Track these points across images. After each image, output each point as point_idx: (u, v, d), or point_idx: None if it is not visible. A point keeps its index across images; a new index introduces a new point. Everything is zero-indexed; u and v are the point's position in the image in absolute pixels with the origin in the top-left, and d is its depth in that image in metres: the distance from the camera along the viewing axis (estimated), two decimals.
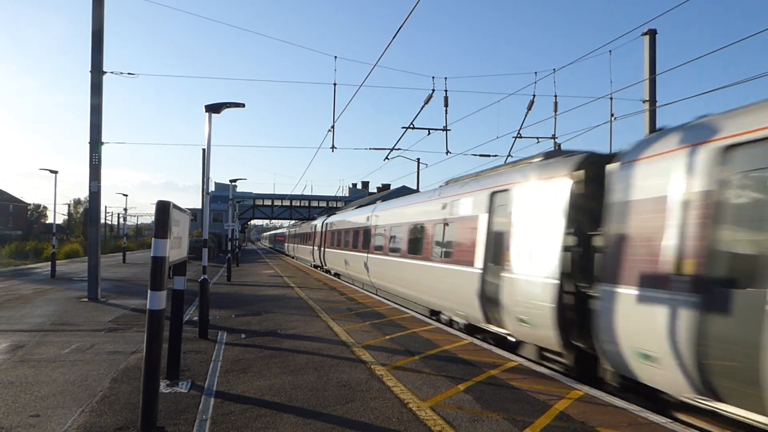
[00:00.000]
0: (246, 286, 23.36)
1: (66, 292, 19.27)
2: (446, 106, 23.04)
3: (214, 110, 11.58)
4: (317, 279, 27.30)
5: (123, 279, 25.30)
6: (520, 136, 24.13)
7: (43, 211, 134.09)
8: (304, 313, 14.91)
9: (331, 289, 21.79)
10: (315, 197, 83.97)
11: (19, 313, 14.18)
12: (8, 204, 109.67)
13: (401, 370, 8.52)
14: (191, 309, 15.23)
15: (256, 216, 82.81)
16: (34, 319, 13.23)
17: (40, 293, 18.95)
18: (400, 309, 16.15)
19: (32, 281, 23.63)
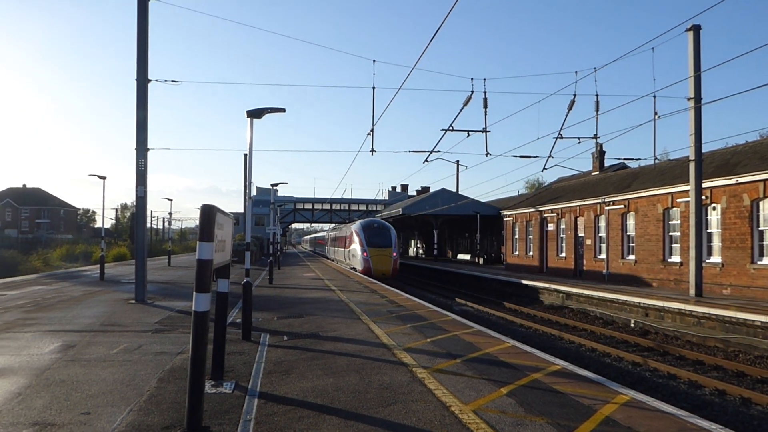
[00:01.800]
0: (287, 288, 23.57)
1: (114, 294, 19.75)
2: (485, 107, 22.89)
3: (256, 115, 11.71)
4: (358, 282, 27.38)
5: (168, 282, 25.82)
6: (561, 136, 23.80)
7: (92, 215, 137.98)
8: (345, 315, 14.95)
9: (371, 292, 21.82)
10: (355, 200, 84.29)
11: (70, 314, 14.59)
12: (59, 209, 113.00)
13: (443, 373, 8.46)
14: (234, 311, 15.43)
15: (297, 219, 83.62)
16: (84, 320, 13.59)
17: (89, 295, 19.47)
18: (440, 312, 16.07)
19: (82, 283, 24.30)
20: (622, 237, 29.12)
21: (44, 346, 10.34)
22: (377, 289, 23.37)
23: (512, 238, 42.48)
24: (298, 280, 28.10)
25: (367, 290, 22.67)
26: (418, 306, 17.30)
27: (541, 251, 37.75)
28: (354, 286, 24.51)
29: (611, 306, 22.09)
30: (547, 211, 37.01)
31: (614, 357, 14.91)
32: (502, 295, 30.72)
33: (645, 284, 26.84)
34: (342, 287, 23.84)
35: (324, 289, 22.92)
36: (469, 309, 25.03)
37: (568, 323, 20.64)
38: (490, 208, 52.43)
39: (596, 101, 22.53)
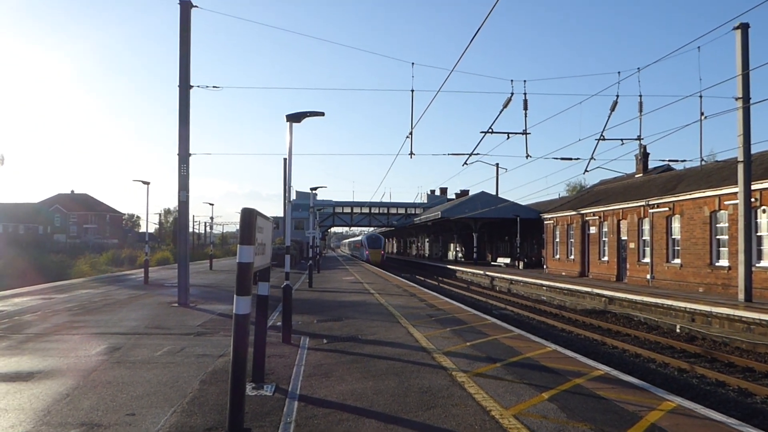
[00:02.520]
0: (327, 292, 23.71)
1: (158, 298, 20.16)
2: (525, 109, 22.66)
3: (295, 119, 11.82)
4: (397, 285, 27.39)
5: (210, 285, 26.24)
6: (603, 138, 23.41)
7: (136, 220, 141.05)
8: (385, 319, 14.96)
9: (410, 296, 21.79)
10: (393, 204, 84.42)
11: (116, 317, 14.94)
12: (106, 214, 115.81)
13: (483, 377, 8.38)
14: (275, 314, 15.59)
15: (336, 223, 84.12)
16: (129, 323, 13.90)
17: (134, 298, 19.92)
18: (480, 315, 15.95)
19: (127, 287, 24.87)
20: (667, 240, 28.46)
21: (91, 348, 10.60)
22: (416, 292, 23.33)
23: (553, 242, 41.96)
24: (337, 284, 28.25)
25: (406, 294, 22.66)
26: (457, 309, 17.20)
27: (582, 255, 37.18)
28: (393, 290, 24.51)
29: (656, 311, 21.61)
30: (589, 214, 36.43)
31: (659, 363, 14.56)
32: (538, 298, 30.37)
33: (691, 289, 26.18)
34: (381, 290, 23.87)
35: (363, 293, 22.98)
36: (508, 313, 24.79)
37: (611, 328, 20.26)
38: (530, 211, 51.87)
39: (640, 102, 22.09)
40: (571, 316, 23.47)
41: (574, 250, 38.34)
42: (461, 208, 54.07)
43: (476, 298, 31.94)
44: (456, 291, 36.31)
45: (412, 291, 24.07)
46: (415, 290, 24.59)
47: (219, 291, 23.36)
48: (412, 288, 25.97)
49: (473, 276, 45.20)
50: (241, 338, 5.55)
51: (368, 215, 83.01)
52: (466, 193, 72.12)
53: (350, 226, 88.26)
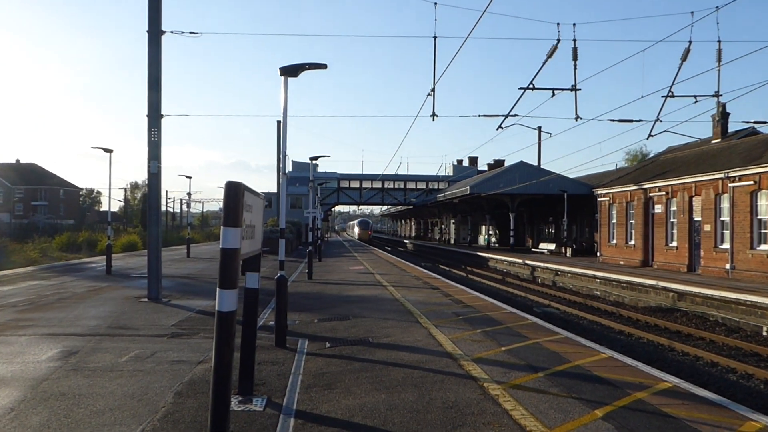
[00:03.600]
0: (330, 284, 23.79)
1: (123, 291, 20.32)
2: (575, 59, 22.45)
3: (291, 73, 11.75)
4: (415, 276, 27.44)
5: (187, 276, 26.41)
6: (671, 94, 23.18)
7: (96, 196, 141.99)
8: (401, 317, 14.99)
9: (432, 289, 21.82)
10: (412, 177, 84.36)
11: (72, 314, 15.08)
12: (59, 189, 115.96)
13: (521, 389, 8.38)
14: (266, 312, 15.64)
15: (342, 201, 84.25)
16: (88, 322, 14.03)
17: (94, 291, 20.09)
18: (518, 314, 15.95)
19: (86, 277, 25.09)
20: (752, 222, 28.22)
21: (41, 352, 10.71)
22: (440, 285, 23.36)
23: (609, 224, 41.78)
24: (342, 275, 28.33)
25: (427, 287, 22.69)
26: (490, 307, 17.20)
27: (645, 240, 37.00)
28: (411, 282, 24.56)
29: (737, 309, 21.49)
30: (654, 190, 36.19)
31: (741, 373, 14.50)
32: (590, 293, 30.30)
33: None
34: (397, 283, 23.92)
35: (374, 285, 23.04)
36: (553, 311, 24.78)
37: (680, 330, 20.19)
38: (580, 185, 51.60)
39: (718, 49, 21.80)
40: (631, 316, 23.40)
41: (635, 234, 38.15)
42: (495, 182, 53.92)
43: (513, 292, 31.94)
44: (488, 284, 36.31)
45: (434, 284, 24.10)
46: (438, 283, 24.62)
47: (198, 283, 23.50)
48: (434, 280, 26.00)
49: (510, 266, 45.16)
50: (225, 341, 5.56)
51: (380, 191, 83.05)
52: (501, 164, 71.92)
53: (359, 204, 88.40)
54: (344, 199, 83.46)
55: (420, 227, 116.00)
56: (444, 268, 48.03)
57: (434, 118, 23.93)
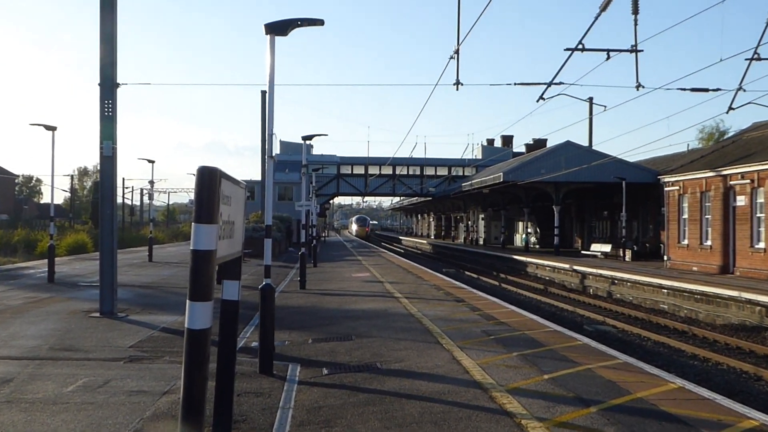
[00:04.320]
0: (329, 296, 23.83)
1: (69, 303, 20.35)
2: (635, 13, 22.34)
3: (279, 31, 11.71)
4: (435, 286, 27.42)
5: (149, 285, 26.46)
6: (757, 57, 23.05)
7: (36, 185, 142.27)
8: (417, 337, 14.98)
9: (456, 302, 21.80)
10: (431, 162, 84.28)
11: (5, 333, 15.10)
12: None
13: (570, 428, 8.36)
14: (248, 330, 15.66)
15: (342, 191, 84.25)
16: (25, 342, 14.05)
17: (33, 304, 20.13)
18: (564, 333, 15.92)
19: (22, 286, 25.14)
20: None
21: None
22: (465, 297, 23.34)
23: (679, 220, 41.61)
24: (343, 283, 28.35)
25: (450, 299, 22.68)
26: (530, 324, 17.17)
27: (725, 240, 36.82)
28: (429, 293, 24.55)
29: None
30: (736, 177, 36.01)
31: None
32: (655, 307, 30.22)
33: None
34: (412, 294, 23.92)
35: (384, 297, 23.05)
36: (608, 329, 24.74)
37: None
38: (642, 171, 51.42)
39: None
40: (708, 335, 23.32)
41: (712, 233, 37.97)
42: (535, 167, 53.80)
43: (558, 306, 31.91)
44: (527, 295, 36.31)
45: (459, 295, 24.08)
46: (463, 294, 24.60)
47: (163, 294, 23.55)
48: (458, 290, 25.99)
49: (553, 272, 45.13)
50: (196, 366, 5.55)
51: (391, 178, 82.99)
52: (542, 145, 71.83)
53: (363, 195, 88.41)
54: (345, 188, 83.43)
55: (440, 224, 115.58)
56: (471, 276, 48.03)
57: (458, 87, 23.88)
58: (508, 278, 46.02)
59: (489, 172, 66.10)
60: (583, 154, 53.06)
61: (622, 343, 21.66)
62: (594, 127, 79.48)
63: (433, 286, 27.60)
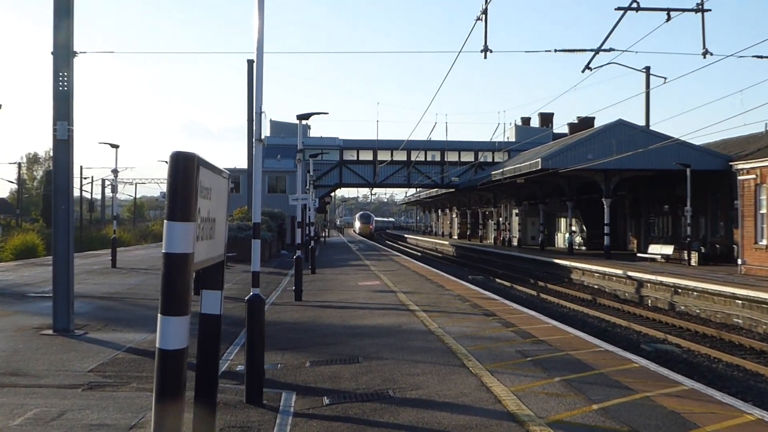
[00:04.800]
0: (330, 308, 23.87)
1: (16, 318, 20.36)
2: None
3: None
4: (460, 297, 27.37)
5: (113, 296, 26.48)
6: None
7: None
8: (438, 359, 14.96)
9: (486, 316, 21.78)
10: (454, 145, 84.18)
11: None
12: None
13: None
14: (233, 350, 15.66)
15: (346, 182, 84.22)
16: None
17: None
18: (617, 354, 15.87)
19: None
20: None
21: None
22: (497, 310, 23.29)
23: (756, 215, 41.39)
24: (348, 294, 28.35)
25: (478, 312, 22.64)
26: (574, 342, 17.12)
27: None
28: (452, 305, 24.52)
29: None
30: None
31: None
32: (727, 322, 30.13)
33: None
34: (431, 307, 23.89)
35: (397, 310, 23.04)
36: (670, 349, 24.68)
37: None
38: (710, 156, 51.21)
39: None
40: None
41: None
42: (580, 152, 53.62)
43: (609, 320, 31.86)
44: (571, 308, 36.28)
45: (488, 307, 24.05)
46: (494, 306, 24.56)
47: (129, 307, 23.58)
48: (488, 302, 25.95)
49: (603, 279, 45.07)
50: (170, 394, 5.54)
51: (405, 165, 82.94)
52: (589, 124, 71.76)
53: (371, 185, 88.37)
54: (350, 178, 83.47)
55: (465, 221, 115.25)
56: (503, 284, 48.02)
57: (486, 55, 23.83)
58: (548, 287, 46.00)
59: (524, 158, 66.09)
60: (639, 136, 52.83)
61: (687, 365, 21.61)
62: (651, 104, 79.15)
63: (457, 296, 27.57)
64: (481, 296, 28.02)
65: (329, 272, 40.14)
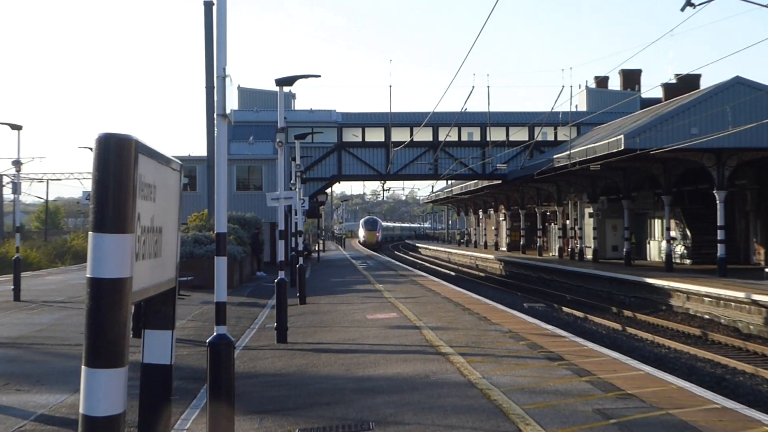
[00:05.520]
0: (327, 353, 23.91)
1: None
2: None
3: None
4: (510, 333, 27.30)
5: (16, 341, 26.55)
6: None
7: None
8: (481, 423, 14.96)
9: (549, 360, 21.75)
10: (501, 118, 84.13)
11: None
12: None
13: None
14: (190, 416, 15.68)
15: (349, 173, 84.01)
16: None
17: None
18: (739, 413, 15.81)
19: None
20: None
21: None
22: (564, 351, 23.25)
23: None
24: (352, 332, 28.38)
25: (538, 355, 22.61)
26: (677, 397, 17.09)
27: None
28: (501, 345, 24.46)
29: None
30: None
31: None
32: None
33: None
34: (470, 348, 23.85)
35: (423, 353, 23.04)
36: None
37: None
38: None
39: None
40: None
41: None
42: (679, 125, 53.39)
43: (727, 364, 31.83)
44: (671, 347, 36.30)
45: (553, 348, 24.01)
46: (561, 345, 24.52)
47: (40, 356, 23.65)
48: (552, 340, 25.91)
49: (718, 306, 45.03)
50: None
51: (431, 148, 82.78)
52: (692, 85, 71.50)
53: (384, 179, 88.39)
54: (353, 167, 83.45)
55: (518, 225, 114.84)
56: (573, 315, 48.02)
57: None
58: (638, 318, 46.08)
59: (600, 135, 65.91)
60: (763, 100, 52.68)
61: None
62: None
63: (508, 333, 27.51)
64: (542, 332, 27.96)
65: (325, 301, 40.18)
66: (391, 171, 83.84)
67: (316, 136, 72.06)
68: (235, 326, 26.09)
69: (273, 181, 55.25)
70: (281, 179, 32.27)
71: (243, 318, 32.16)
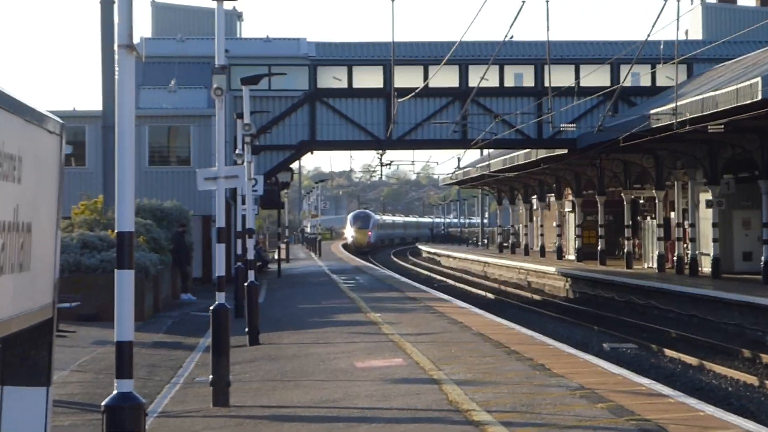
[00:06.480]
0: (290, 422, 23.87)
1: None
2: None
3: None
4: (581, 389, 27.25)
5: None
6: None
7: None
8: None
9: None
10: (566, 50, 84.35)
11: None
12: None
13: None
14: None
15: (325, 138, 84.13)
16: None
17: None
18: None
19: None
20: None
21: None
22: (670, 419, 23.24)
23: None
24: (331, 390, 28.40)
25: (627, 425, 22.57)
26: None
27: None
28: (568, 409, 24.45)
29: None
30: None
31: None
32: None
33: None
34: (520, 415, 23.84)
35: (442, 423, 23.02)
36: None
37: None
38: None
39: None
40: None
41: None
42: None
43: None
44: None
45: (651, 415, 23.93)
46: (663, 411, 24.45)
47: None
48: (648, 402, 25.87)
49: None
50: None
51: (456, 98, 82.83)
52: None
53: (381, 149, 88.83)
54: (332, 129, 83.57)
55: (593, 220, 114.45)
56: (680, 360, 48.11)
57: None
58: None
59: (724, 77, 65.99)
60: None
61: None
62: None
63: (579, 390, 27.48)
64: (632, 389, 27.92)
65: (290, 340, 40.29)
66: (394, 135, 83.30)
67: (278, 80, 71.51)
68: (148, 380, 26.18)
69: (207, 150, 55.63)
70: (220, 148, 32.25)
71: (159, 367, 32.18)
